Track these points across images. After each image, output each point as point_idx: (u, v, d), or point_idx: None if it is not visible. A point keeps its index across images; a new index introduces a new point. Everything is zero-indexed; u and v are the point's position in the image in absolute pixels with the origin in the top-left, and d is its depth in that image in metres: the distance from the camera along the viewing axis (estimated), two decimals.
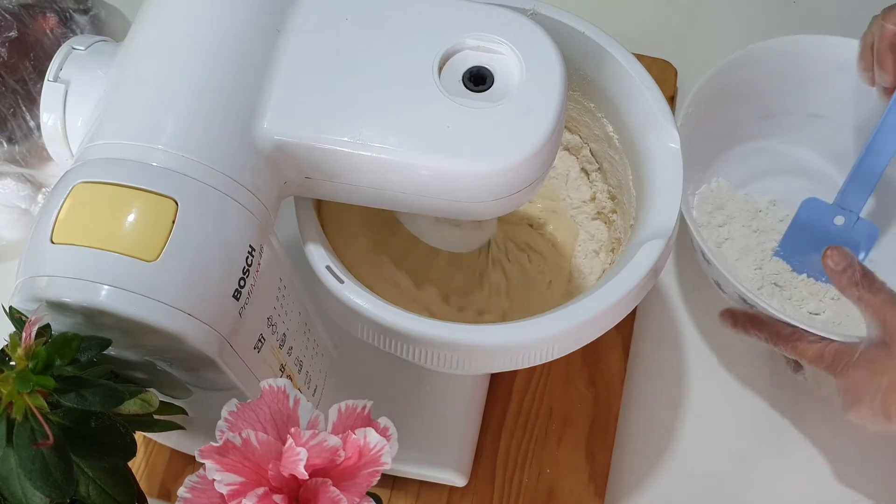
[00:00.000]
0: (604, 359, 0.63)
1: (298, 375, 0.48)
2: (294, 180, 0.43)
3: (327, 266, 0.47)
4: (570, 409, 0.62)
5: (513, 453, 0.61)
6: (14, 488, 0.35)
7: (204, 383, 0.42)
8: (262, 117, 0.41)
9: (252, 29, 0.42)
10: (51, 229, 0.36)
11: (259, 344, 0.42)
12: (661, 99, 0.50)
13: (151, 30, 0.42)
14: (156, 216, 0.36)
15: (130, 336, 0.37)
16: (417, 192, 0.43)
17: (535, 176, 0.43)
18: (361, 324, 0.46)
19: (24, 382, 0.33)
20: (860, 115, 0.68)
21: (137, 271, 0.35)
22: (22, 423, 0.34)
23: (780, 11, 0.82)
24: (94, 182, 0.37)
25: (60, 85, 0.43)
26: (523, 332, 0.45)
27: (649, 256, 0.47)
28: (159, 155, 0.38)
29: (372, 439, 0.34)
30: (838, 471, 0.62)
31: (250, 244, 0.39)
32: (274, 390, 0.35)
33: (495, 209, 0.44)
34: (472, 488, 0.59)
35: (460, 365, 0.47)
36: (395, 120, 0.41)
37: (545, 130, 0.41)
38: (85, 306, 0.35)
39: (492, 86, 0.42)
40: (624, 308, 0.47)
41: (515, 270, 0.57)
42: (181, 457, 0.60)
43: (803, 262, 0.65)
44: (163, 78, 0.40)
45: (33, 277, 0.36)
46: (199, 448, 0.32)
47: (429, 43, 0.42)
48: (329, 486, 0.33)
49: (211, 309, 0.37)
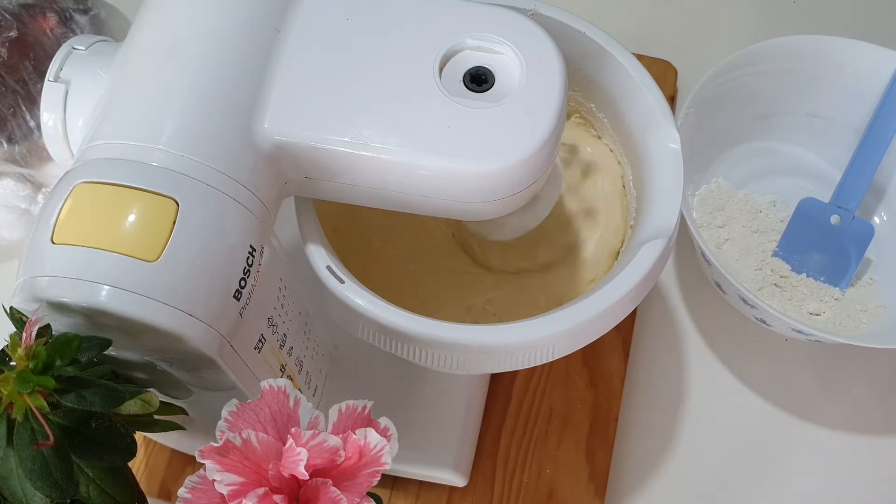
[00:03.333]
0: (604, 359, 0.63)
1: (299, 375, 0.48)
2: (294, 180, 0.43)
3: (327, 266, 0.47)
4: (570, 410, 0.62)
5: (513, 453, 0.61)
6: (14, 488, 0.35)
7: (204, 383, 0.42)
8: (262, 117, 0.41)
9: (252, 29, 0.42)
10: (51, 229, 0.36)
11: (259, 344, 0.42)
12: (661, 99, 0.50)
13: (151, 30, 0.42)
14: (156, 216, 0.36)
15: (131, 336, 0.37)
16: (418, 193, 0.43)
17: (535, 176, 0.43)
18: (362, 324, 0.46)
19: (25, 383, 0.33)
20: (860, 115, 0.68)
21: (138, 271, 0.35)
22: (22, 424, 0.34)
23: (780, 11, 0.82)
24: (95, 182, 0.37)
25: (61, 85, 0.43)
26: (523, 332, 0.45)
27: (649, 257, 0.47)
28: (160, 155, 0.38)
29: (372, 439, 0.34)
30: (839, 471, 0.62)
31: (251, 244, 0.39)
32: (274, 390, 0.35)
33: (496, 209, 0.44)
34: (472, 488, 0.59)
35: (460, 365, 0.47)
36: (395, 120, 0.41)
37: (545, 130, 0.41)
38: (85, 306, 0.35)
39: (492, 86, 0.42)
40: (624, 309, 0.47)
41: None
42: (181, 457, 0.60)
43: (802, 261, 0.65)
44: (163, 78, 0.40)
45: (34, 278, 0.36)
46: (199, 448, 0.32)
47: (429, 43, 0.42)
48: (329, 486, 0.33)
49: (211, 309, 0.37)
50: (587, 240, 0.56)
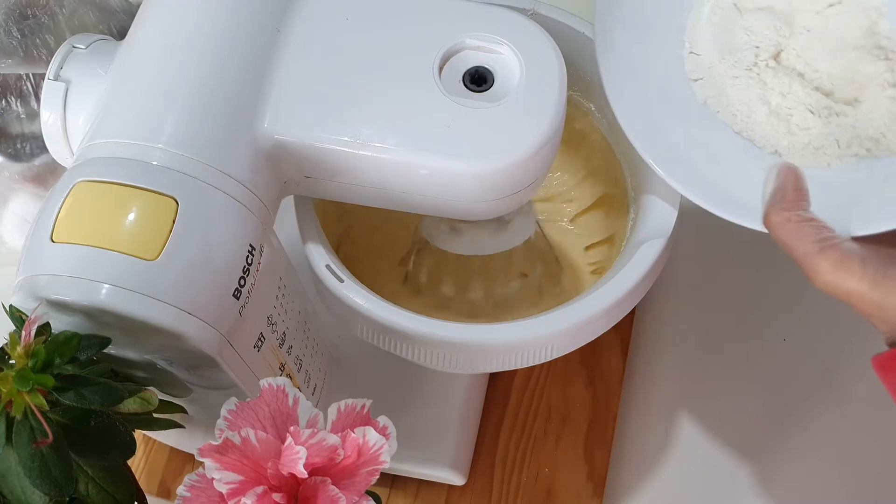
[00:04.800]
0: (603, 358, 0.64)
1: (298, 374, 0.48)
2: (294, 179, 0.43)
3: (327, 265, 0.47)
4: (569, 409, 0.62)
5: (511, 452, 0.61)
6: (13, 487, 0.35)
7: (204, 382, 0.42)
8: (262, 116, 0.41)
9: (252, 28, 0.42)
10: (51, 228, 0.36)
11: (259, 343, 0.42)
12: None
13: (151, 29, 0.42)
14: (156, 215, 0.36)
15: (130, 335, 0.37)
16: (417, 192, 0.43)
17: (535, 175, 0.43)
18: (361, 323, 0.46)
19: (24, 381, 0.33)
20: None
21: (138, 270, 0.36)
22: (21, 422, 0.34)
23: None
24: (95, 181, 0.37)
25: (61, 84, 0.43)
26: (523, 331, 0.45)
27: (648, 256, 0.47)
28: (160, 154, 0.38)
29: (371, 438, 0.34)
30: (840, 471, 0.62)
31: (250, 243, 0.39)
32: (273, 389, 0.35)
33: (496, 209, 0.44)
34: (470, 487, 0.59)
35: (459, 364, 0.47)
36: (395, 119, 0.41)
37: (545, 130, 0.41)
38: (85, 305, 0.35)
39: (492, 86, 0.42)
40: (623, 308, 0.47)
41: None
42: (180, 455, 0.60)
43: None
44: (163, 77, 0.40)
45: (33, 276, 0.36)
46: (198, 446, 0.32)
47: (429, 43, 0.42)
48: (328, 484, 0.33)
49: (211, 308, 0.37)
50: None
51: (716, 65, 0.48)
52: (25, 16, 0.58)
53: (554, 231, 0.59)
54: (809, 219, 0.41)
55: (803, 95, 0.46)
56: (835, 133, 0.46)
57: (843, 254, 0.40)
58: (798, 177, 0.43)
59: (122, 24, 0.60)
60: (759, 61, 0.47)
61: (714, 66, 0.48)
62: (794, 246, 0.41)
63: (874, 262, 0.40)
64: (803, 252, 0.41)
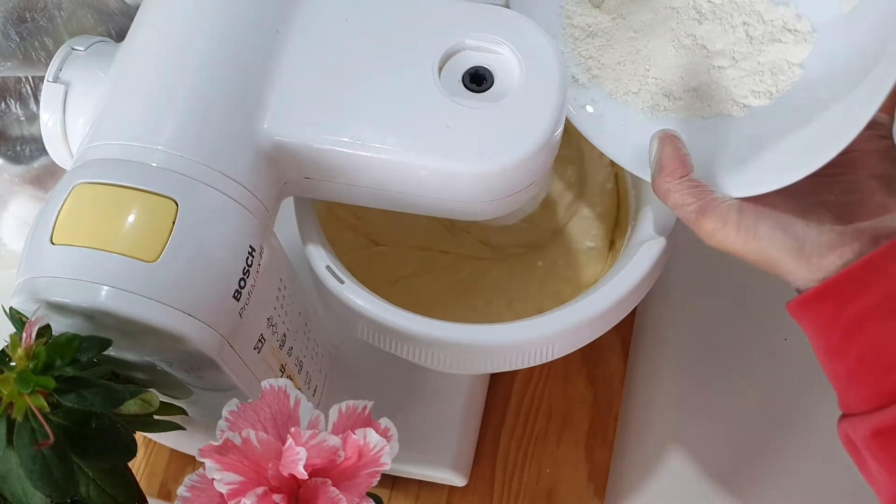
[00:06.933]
0: (603, 358, 0.64)
1: (298, 376, 0.48)
2: (294, 180, 0.43)
3: (327, 266, 0.47)
4: (570, 409, 0.62)
5: (512, 453, 0.61)
6: (14, 488, 0.35)
7: (204, 384, 0.42)
8: (261, 117, 0.41)
9: (252, 29, 0.42)
10: (51, 230, 0.36)
11: (259, 344, 0.42)
12: None
13: (150, 30, 0.42)
14: (156, 217, 0.36)
15: (131, 336, 0.37)
16: (417, 192, 0.43)
17: (535, 176, 0.43)
18: (362, 324, 0.46)
19: (25, 383, 0.33)
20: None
21: (138, 272, 0.35)
22: (22, 424, 0.34)
23: None
24: (94, 183, 0.37)
25: (60, 86, 0.43)
26: (523, 332, 0.45)
27: (649, 256, 0.47)
28: (159, 155, 0.38)
29: (372, 440, 0.34)
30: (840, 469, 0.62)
31: (250, 244, 0.39)
32: (275, 390, 0.35)
33: (495, 209, 0.44)
34: (471, 488, 0.59)
35: (460, 365, 0.47)
36: (394, 120, 0.41)
37: (545, 130, 0.41)
38: (85, 307, 0.35)
39: (491, 86, 0.42)
40: (623, 308, 0.47)
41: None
42: (181, 457, 0.60)
43: None
44: (162, 78, 0.40)
45: (33, 278, 0.36)
46: (199, 447, 0.32)
47: (429, 43, 0.42)
48: (329, 486, 0.33)
49: (211, 309, 0.37)
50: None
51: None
52: (24, 19, 0.58)
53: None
54: (690, 184, 0.42)
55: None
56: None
57: (720, 214, 0.41)
58: (675, 144, 0.44)
59: (121, 27, 0.60)
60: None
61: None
62: (680, 212, 0.43)
63: (748, 219, 0.41)
64: (687, 216, 0.42)
